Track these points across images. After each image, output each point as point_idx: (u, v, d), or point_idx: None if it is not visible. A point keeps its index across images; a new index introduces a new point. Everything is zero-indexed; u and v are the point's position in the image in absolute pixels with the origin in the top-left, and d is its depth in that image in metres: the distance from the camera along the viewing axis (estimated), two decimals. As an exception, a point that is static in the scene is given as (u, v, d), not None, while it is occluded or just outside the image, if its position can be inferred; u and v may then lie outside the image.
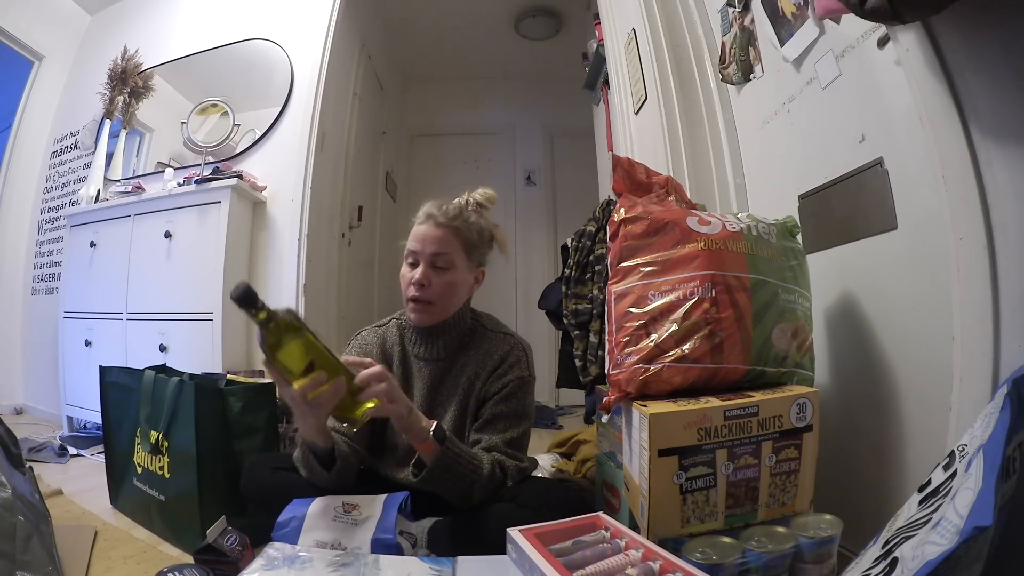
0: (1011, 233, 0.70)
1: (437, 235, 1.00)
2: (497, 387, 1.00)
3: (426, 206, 1.04)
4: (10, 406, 2.70)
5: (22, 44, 2.79)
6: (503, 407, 0.99)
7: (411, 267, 1.01)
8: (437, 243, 0.99)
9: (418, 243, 1.00)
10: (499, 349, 1.03)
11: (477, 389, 1.01)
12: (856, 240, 1.02)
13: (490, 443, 0.96)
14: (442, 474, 0.86)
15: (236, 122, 2.43)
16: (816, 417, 0.84)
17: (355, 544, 0.81)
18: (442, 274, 1.00)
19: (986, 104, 0.73)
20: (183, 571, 0.81)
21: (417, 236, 1.01)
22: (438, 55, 3.76)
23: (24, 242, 2.89)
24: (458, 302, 1.04)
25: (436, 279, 0.99)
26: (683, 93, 1.59)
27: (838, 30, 1.02)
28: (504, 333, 1.07)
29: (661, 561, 0.64)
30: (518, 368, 1.02)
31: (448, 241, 1.00)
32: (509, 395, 0.99)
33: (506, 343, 1.04)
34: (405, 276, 1.02)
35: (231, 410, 1.22)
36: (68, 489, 1.50)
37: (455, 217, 1.02)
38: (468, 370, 1.03)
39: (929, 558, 0.46)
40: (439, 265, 0.99)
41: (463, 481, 0.87)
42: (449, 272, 1.00)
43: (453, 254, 1.00)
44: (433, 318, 1.02)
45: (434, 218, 1.01)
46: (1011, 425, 0.53)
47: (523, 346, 1.06)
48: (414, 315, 1.01)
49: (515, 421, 0.99)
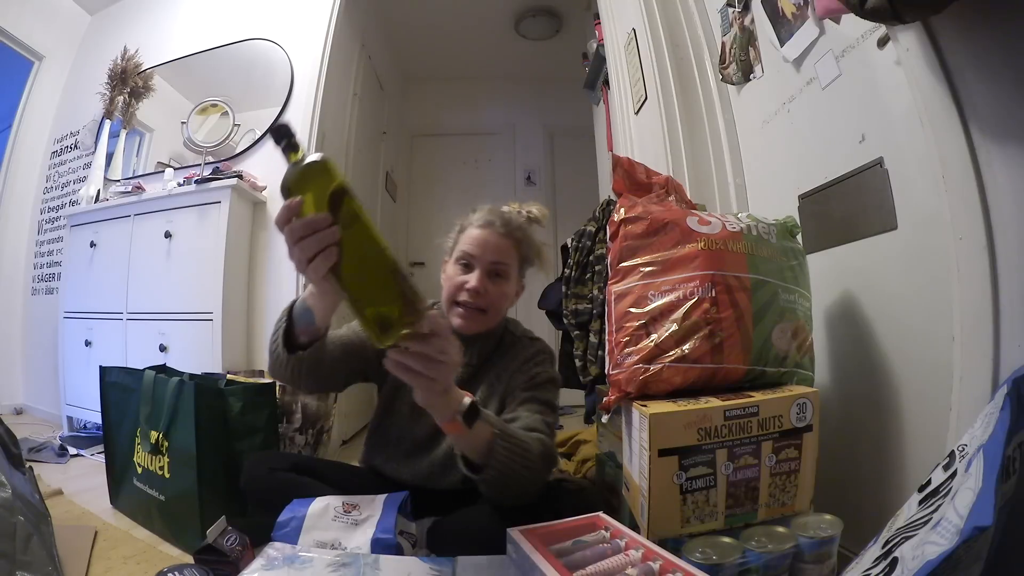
0: (1011, 233, 0.70)
1: (499, 244, 0.98)
2: (525, 378, 0.97)
3: (484, 212, 1.01)
4: (10, 406, 2.70)
5: (22, 44, 2.79)
6: (536, 393, 0.95)
7: (463, 270, 0.98)
8: (498, 252, 0.98)
9: (477, 248, 0.97)
10: (526, 351, 1.03)
11: (502, 389, 0.99)
12: (856, 240, 1.02)
13: (530, 423, 0.87)
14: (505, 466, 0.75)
15: (236, 122, 2.43)
16: (816, 417, 0.84)
17: (355, 544, 0.81)
18: (498, 283, 0.98)
19: (986, 104, 0.73)
20: (183, 571, 0.81)
21: (477, 241, 0.98)
22: (438, 55, 3.76)
23: (24, 242, 2.89)
24: (503, 313, 1.03)
25: (492, 288, 0.97)
26: (683, 93, 1.59)
27: (838, 30, 1.02)
28: (531, 338, 1.07)
29: (661, 561, 0.64)
30: (545, 366, 1.01)
31: (508, 251, 0.99)
32: (540, 384, 0.97)
33: (533, 346, 1.04)
34: (454, 279, 0.98)
35: (231, 410, 1.22)
36: (68, 489, 1.50)
37: (518, 228, 1.01)
38: (491, 374, 1.02)
39: (929, 558, 0.46)
40: (497, 273, 0.98)
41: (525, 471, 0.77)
42: (504, 282, 0.99)
43: (510, 265, 0.99)
44: (480, 327, 0.99)
45: (495, 226, 0.99)
46: (1011, 425, 0.53)
47: (549, 350, 1.06)
48: (462, 320, 0.97)
49: (548, 408, 0.95)
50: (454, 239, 1.04)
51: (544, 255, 1.08)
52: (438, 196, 3.86)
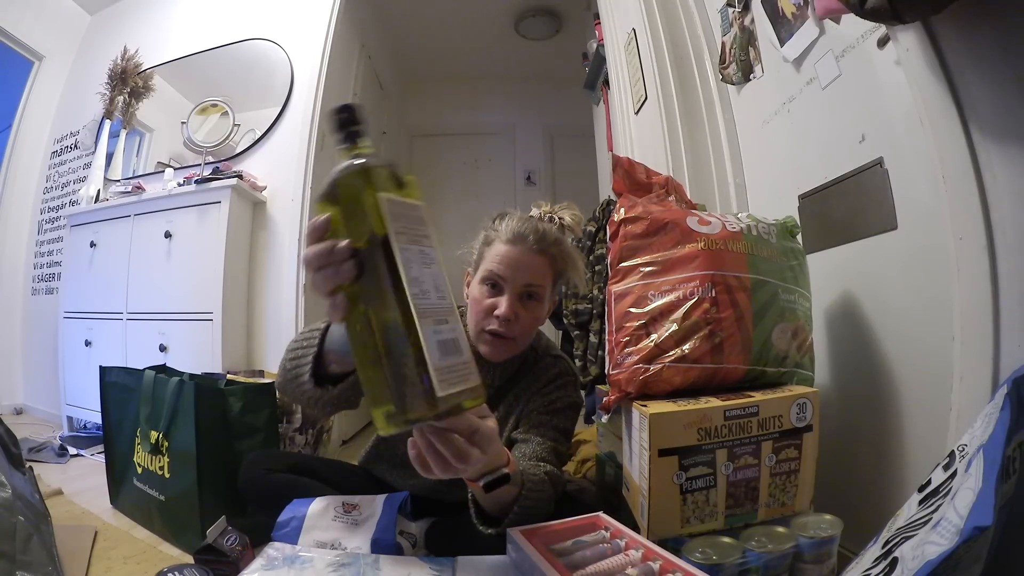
0: (1011, 233, 0.70)
1: (532, 263, 0.87)
2: (544, 401, 0.92)
3: (514, 222, 0.89)
4: (10, 406, 2.70)
5: (22, 44, 2.78)
6: (554, 419, 0.90)
7: (491, 291, 0.87)
8: (531, 272, 0.87)
9: (508, 268, 0.86)
10: (548, 372, 0.97)
11: (519, 409, 0.94)
12: (856, 240, 1.02)
13: (541, 452, 0.83)
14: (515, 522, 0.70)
15: (236, 122, 2.43)
16: (816, 417, 0.84)
17: (355, 544, 0.81)
18: (531, 307, 0.88)
19: (986, 104, 0.73)
20: (183, 571, 0.81)
21: (507, 260, 0.86)
22: (438, 55, 3.76)
23: (24, 242, 2.89)
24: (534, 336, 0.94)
25: (523, 313, 0.87)
26: (683, 93, 1.59)
27: (838, 30, 1.02)
28: (555, 356, 1.00)
29: (661, 561, 0.64)
30: (567, 390, 0.95)
31: (543, 270, 0.88)
32: (559, 410, 0.92)
33: (556, 366, 0.97)
34: (481, 301, 0.87)
35: (231, 410, 1.22)
36: (68, 489, 1.50)
37: (554, 243, 0.89)
38: (511, 394, 0.96)
39: (929, 558, 0.46)
40: (530, 296, 0.88)
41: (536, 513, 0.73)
42: (538, 306, 0.89)
43: (545, 285, 0.89)
44: (510, 354, 0.91)
45: (528, 242, 0.87)
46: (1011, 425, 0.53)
47: (573, 370, 0.99)
48: (489, 348, 0.88)
49: (564, 436, 0.90)
50: (478, 251, 0.92)
51: (581, 268, 0.96)
52: (438, 196, 3.86)
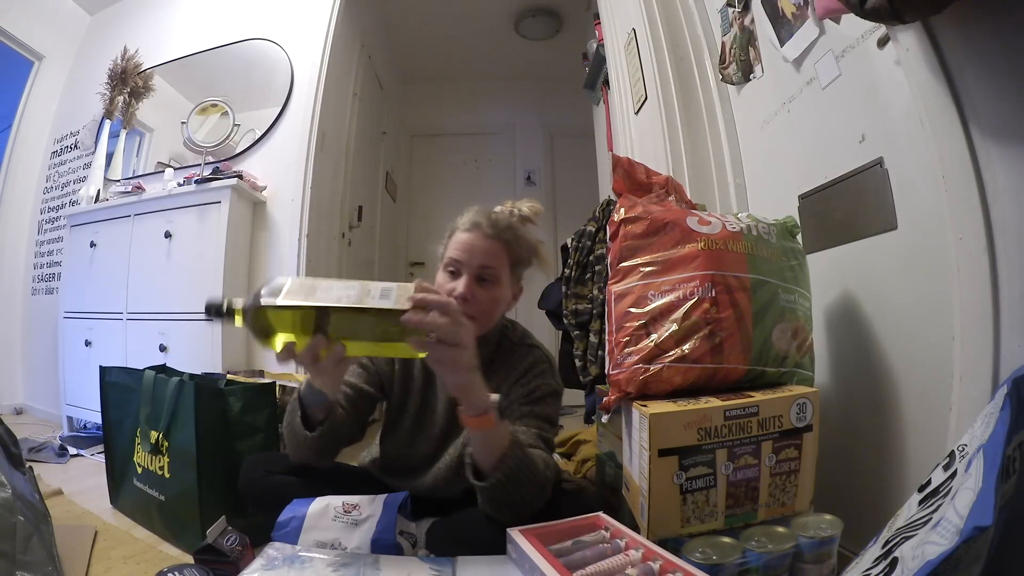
0: (1011, 233, 0.70)
1: (486, 246, 0.93)
2: (523, 392, 0.93)
3: (471, 213, 0.97)
4: (10, 406, 2.70)
5: (22, 44, 2.78)
6: (535, 408, 0.92)
7: (451, 276, 0.93)
8: (485, 255, 0.92)
9: (464, 253, 0.92)
10: (524, 361, 0.98)
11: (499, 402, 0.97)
12: (856, 240, 1.02)
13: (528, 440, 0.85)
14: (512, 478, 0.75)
15: (236, 122, 2.43)
16: (816, 417, 0.84)
17: (355, 544, 0.81)
18: (487, 288, 0.93)
19: (986, 104, 0.73)
20: (183, 571, 0.81)
21: (463, 245, 0.93)
22: (438, 55, 3.76)
23: (24, 242, 2.89)
24: (497, 319, 0.98)
25: (481, 293, 0.92)
26: (683, 93, 1.59)
27: (838, 30, 1.02)
28: (530, 345, 1.01)
29: (661, 561, 0.64)
30: (544, 378, 0.96)
31: (497, 254, 0.93)
32: (538, 399, 0.93)
33: (531, 355, 0.99)
34: (443, 286, 0.93)
35: (231, 410, 1.22)
36: (68, 489, 1.50)
37: (506, 229, 0.95)
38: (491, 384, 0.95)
39: (929, 558, 0.46)
40: (484, 278, 0.93)
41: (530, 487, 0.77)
42: (494, 287, 0.93)
43: (500, 268, 0.94)
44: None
45: (482, 228, 0.94)
46: (1011, 425, 0.53)
47: (548, 357, 1.00)
48: None
49: (548, 423, 0.92)
50: (445, 244, 0.99)
51: (542, 254, 1.03)
52: (438, 196, 3.86)
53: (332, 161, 2.54)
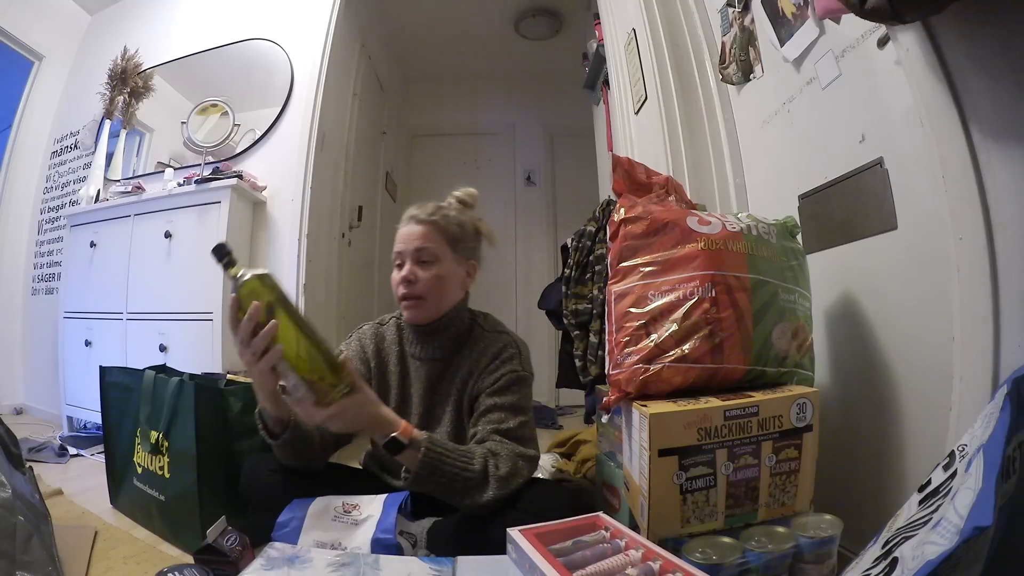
0: (1011, 233, 0.70)
1: (418, 231, 1.02)
2: (489, 381, 0.98)
3: (408, 210, 1.07)
4: (10, 406, 2.70)
5: (22, 44, 2.78)
6: (497, 399, 0.96)
7: (398, 268, 1.03)
8: (419, 238, 1.01)
9: (401, 243, 1.03)
10: (492, 347, 1.02)
11: (470, 387, 1.00)
12: (856, 240, 1.02)
13: (483, 434, 0.92)
14: (429, 475, 0.82)
15: (236, 122, 2.43)
16: (816, 417, 0.84)
17: (355, 544, 0.81)
18: (428, 268, 1.01)
19: (986, 104, 0.73)
20: (183, 571, 0.81)
21: (400, 237, 1.04)
22: (438, 55, 3.75)
23: (24, 242, 2.89)
24: (450, 297, 1.04)
25: (422, 273, 1.00)
26: (683, 93, 1.59)
27: (838, 30, 1.02)
28: (499, 332, 1.06)
29: (661, 561, 0.64)
30: (511, 364, 0.99)
31: (429, 235, 1.02)
32: (503, 388, 0.97)
33: (500, 341, 1.03)
34: (395, 279, 1.03)
35: (231, 410, 1.22)
36: (68, 489, 1.50)
37: (433, 212, 1.04)
38: (463, 370, 1.02)
39: (929, 558, 0.46)
40: (424, 259, 1.01)
41: (456, 480, 0.83)
42: (435, 265, 1.01)
43: (436, 248, 1.02)
44: (427, 314, 1.02)
45: (415, 217, 1.04)
46: (1011, 425, 0.53)
47: (517, 343, 1.04)
48: (407, 312, 1.03)
49: (511, 412, 0.95)
50: None
51: (484, 228, 1.11)
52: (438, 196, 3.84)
53: (332, 161, 2.54)
